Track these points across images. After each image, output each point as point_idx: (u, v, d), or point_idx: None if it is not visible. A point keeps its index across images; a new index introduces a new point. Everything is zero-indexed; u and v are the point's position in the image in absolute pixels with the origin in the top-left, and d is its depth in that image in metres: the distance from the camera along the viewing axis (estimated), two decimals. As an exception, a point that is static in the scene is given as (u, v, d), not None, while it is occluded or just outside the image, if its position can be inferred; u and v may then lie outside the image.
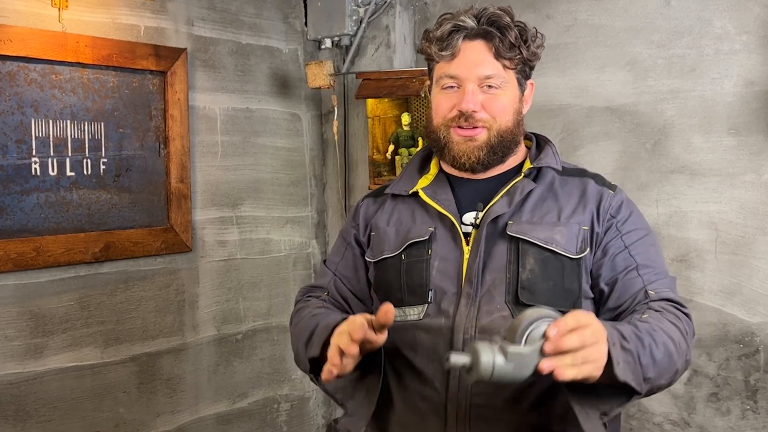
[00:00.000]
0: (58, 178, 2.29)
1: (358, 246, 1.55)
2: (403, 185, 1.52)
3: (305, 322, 1.43)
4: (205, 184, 2.70)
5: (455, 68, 1.41)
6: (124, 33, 2.44)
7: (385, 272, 1.46)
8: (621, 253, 1.38)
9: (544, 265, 1.35)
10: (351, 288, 1.54)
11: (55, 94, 2.27)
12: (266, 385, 2.91)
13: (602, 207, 1.41)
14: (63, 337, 2.33)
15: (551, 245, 1.35)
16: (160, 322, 2.57)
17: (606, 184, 1.46)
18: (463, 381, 1.32)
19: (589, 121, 2.41)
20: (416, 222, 1.46)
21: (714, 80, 2.19)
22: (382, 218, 1.52)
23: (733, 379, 2.17)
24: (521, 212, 1.40)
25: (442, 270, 1.39)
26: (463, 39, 1.40)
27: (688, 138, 2.23)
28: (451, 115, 1.41)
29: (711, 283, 2.20)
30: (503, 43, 1.39)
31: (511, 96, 1.43)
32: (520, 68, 1.43)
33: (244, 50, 2.82)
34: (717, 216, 2.19)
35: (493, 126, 1.40)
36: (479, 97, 1.39)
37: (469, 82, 1.39)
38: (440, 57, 1.42)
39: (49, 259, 2.25)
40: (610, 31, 2.36)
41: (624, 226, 1.40)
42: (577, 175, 1.47)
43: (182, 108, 2.58)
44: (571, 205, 1.41)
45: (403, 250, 1.43)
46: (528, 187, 1.41)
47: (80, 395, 2.37)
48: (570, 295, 1.36)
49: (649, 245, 1.41)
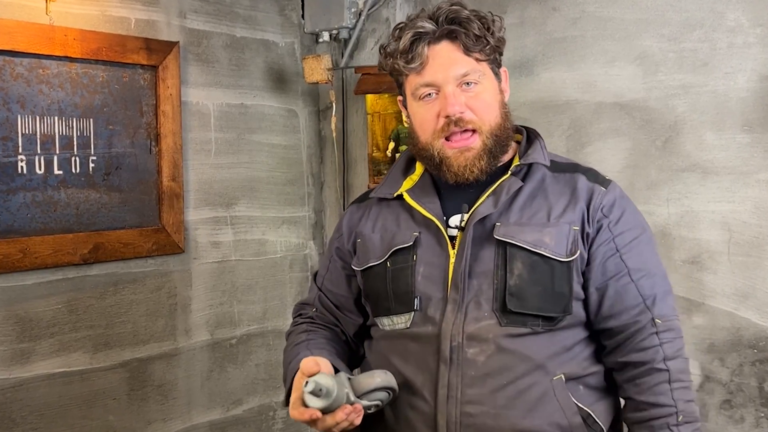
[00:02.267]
0: (45, 177, 2.28)
1: (339, 259, 1.58)
2: (387, 188, 1.52)
3: (288, 352, 1.52)
4: (198, 182, 2.70)
5: (429, 75, 1.40)
6: (114, 26, 2.43)
7: (372, 281, 1.47)
8: (612, 257, 1.37)
9: (532, 270, 1.34)
10: (336, 302, 1.58)
11: (42, 90, 2.27)
12: (262, 391, 2.91)
13: (593, 205, 1.39)
14: (50, 342, 2.32)
15: (540, 248, 1.35)
16: (151, 326, 2.57)
17: (598, 179, 1.44)
18: (453, 390, 1.32)
19: (597, 117, 2.41)
20: (401, 227, 1.46)
21: (727, 75, 2.18)
22: (366, 225, 1.52)
23: (747, 386, 2.17)
24: (509, 212, 1.39)
25: (428, 275, 1.39)
26: (427, 45, 1.40)
27: (700, 135, 2.23)
28: (439, 125, 1.40)
29: (724, 286, 2.20)
30: (469, 37, 1.39)
31: (491, 89, 1.42)
32: (492, 57, 1.43)
33: (238, 44, 2.82)
34: (730, 216, 2.19)
35: (483, 127, 1.40)
36: (461, 98, 1.39)
37: (447, 85, 1.39)
38: (409, 70, 1.41)
39: (35, 260, 2.25)
40: (619, 23, 2.35)
41: (616, 227, 1.39)
42: (568, 170, 1.45)
43: (174, 104, 2.58)
44: (562, 203, 1.40)
45: (388, 258, 1.44)
46: (515, 186, 1.40)
47: (68, 402, 2.37)
48: (560, 299, 1.35)
49: (643, 245, 1.40)
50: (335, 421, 1.26)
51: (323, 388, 1.25)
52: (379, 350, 1.45)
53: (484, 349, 1.33)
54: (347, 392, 1.28)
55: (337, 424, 1.27)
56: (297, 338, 1.53)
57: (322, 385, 1.25)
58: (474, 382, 1.32)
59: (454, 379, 1.33)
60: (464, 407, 1.31)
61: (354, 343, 1.59)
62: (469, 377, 1.32)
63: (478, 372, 1.32)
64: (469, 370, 1.32)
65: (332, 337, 1.56)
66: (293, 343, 1.52)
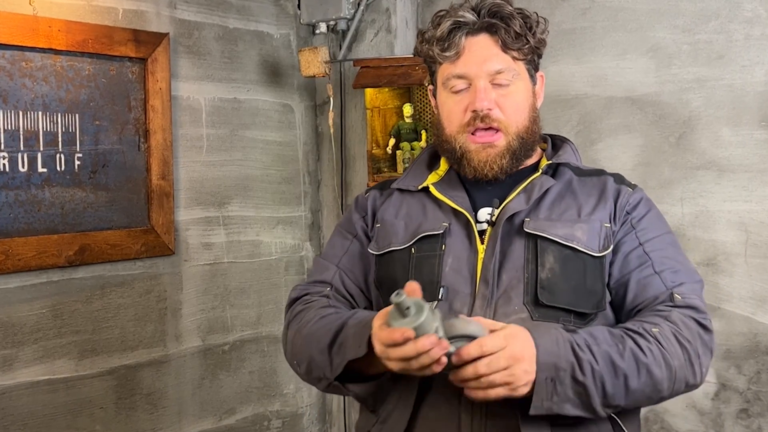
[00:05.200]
0: (28, 175, 2.28)
1: (366, 237, 1.54)
2: (411, 180, 1.53)
3: (314, 325, 1.41)
4: (189, 181, 2.70)
5: (462, 67, 1.42)
6: (101, 16, 2.43)
7: (390, 266, 1.46)
8: (635, 250, 1.40)
9: (564, 264, 1.36)
10: (357, 283, 1.53)
11: (25, 83, 2.27)
12: (256, 400, 2.91)
13: (619, 203, 1.43)
14: (34, 348, 2.32)
15: (572, 242, 1.37)
16: (139, 331, 2.57)
17: (625, 182, 1.49)
18: None
19: (608, 112, 2.41)
20: (428, 216, 1.47)
21: (744, 68, 2.18)
22: (389, 211, 1.52)
23: (765, 394, 2.17)
24: (538, 210, 1.42)
25: (456, 268, 1.40)
26: (465, 35, 1.42)
27: (716, 131, 2.23)
28: (465, 119, 1.42)
29: (741, 290, 2.20)
30: (509, 34, 1.41)
31: (524, 91, 1.45)
32: (530, 58, 1.46)
33: (231, 35, 2.82)
34: (747, 216, 2.19)
35: (510, 128, 1.42)
36: (492, 95, 1.41)
37: (480, 79, 1.41)
38: (444, 58, 1.44)
39: (18, 263, 2.25)
40: (630, 14, 2.35)
41: (640, 223, 1.42)
42: (595, 174, 1.50)
43: (164, 98, 2.57)
44: (591, 202, 1.43)
45: (413, 243, 1.44)
46: (547, 184, 1.43)
47: (53, 411, 2.37)
48: (592, 295, 1.37)
49: (667, 243, 1.43)
50: (416, 350, 1.16)
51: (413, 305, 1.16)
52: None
53: None
54: (437, 326, 1.18)
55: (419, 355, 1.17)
56: (322, 312, 1.43)
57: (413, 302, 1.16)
58: None
59: None
60: (489, 408, 1.32)
61: None
62: None
63: None
64: None
65: None
66: (319, 316, 1.42)
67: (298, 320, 1.46)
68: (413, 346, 1.16)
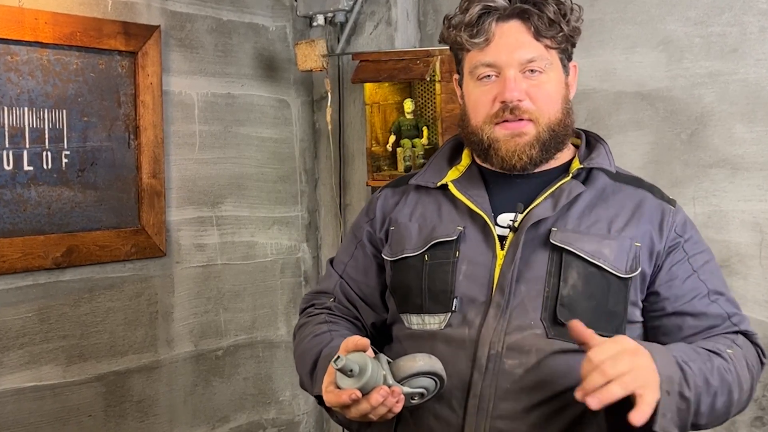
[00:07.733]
0: (13, 173, 2.28)
1: (370, 244, 1.55)
2: (429, 176, 1.51)
3: (307, 343, 1.46)
4: (181, 179, 2.70)
5: (492, 55, 1.40)
6: (89, 8, 2.43)
7: (404, 273, 1.45)
8: (690, 277, 1.40)
9: (587, 282, 1.35)
10: (359, 293, 1.55)
11: (10, 78, 2.26)
12: (250, 407, 2.91)
13: (665, 223, 1.42)
14: (19, 354, 2.32)
15: (598, 260, 1.35)
16: (129, 336, 2.57)
17: (665, 197, 1.47)
18: (485, 402, 1.32)
19: (617, 108, 2.41)
20: (443, 219, 1.46)
21: (759, 62, 2.18)
22: (403, 212, 1.51)
23: (781, 401, 2.17)
24: (566, 219, 1.39)
25: (471, 275, 1.39)
26: (495, 21, 1.39)
27: (729, 127, 2.23)
28: (493, 110, 1.40)
29: (755, 292, 2.20)
30: (542, 21, 1.39)
31: (556, 81, 1.43)
32: (563, 47, 1.44)
33: (225, 28, 2.82)
34: (762, 216, 2.19)
35: (541, 119, 1.40)
36: (522, 85, 1.39)
37: (510, 68, 1.38)
38: (472, 45, 1.41)
39: (3, 265, 2.24)
40: (641, 5, 2.35)
41: (692, 247, 1.43)
42: (632, 183, 1.47)
43: (155, 93, 2.57)
44: (624, 216, 1.41)
45: (426, 250, 1.43)
46: (576, 190, 1.40)
47: (39, 419, 2.37)
48: (614, 318, 1.36)
49: (715, 270, 1.45)
50: (370, 405, 1.20)
51: (355, 365, 1.19)
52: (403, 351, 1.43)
53: (524, 362, 1.32)
54: (384, 375, 1.22)
55: (374, 409, 1.21)
56: (317, 329, 1.48)
57: (354, 363, 1.19)
58: (508, 396, 1.32)
59: (487, 390, 1.32)
60: (495, 422, 1.31)
61: (377, 340, 1.55)
62: (503, 390, 1.32)
63: (513, 385, 1.32)
64: (504, 383, 1.32)
65: (356, 332, 1.52)
66: (312, 334, 1.47)
67: (300, 334, 1.52)
68: (366, 404, 1.20)
